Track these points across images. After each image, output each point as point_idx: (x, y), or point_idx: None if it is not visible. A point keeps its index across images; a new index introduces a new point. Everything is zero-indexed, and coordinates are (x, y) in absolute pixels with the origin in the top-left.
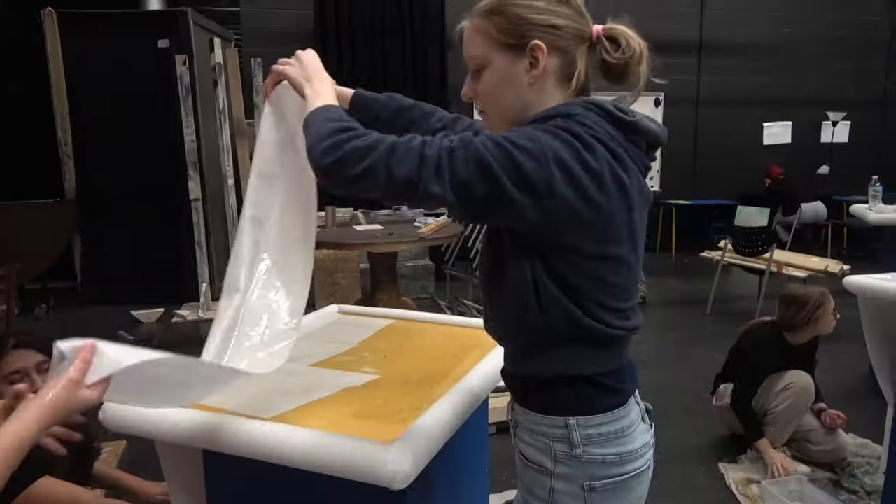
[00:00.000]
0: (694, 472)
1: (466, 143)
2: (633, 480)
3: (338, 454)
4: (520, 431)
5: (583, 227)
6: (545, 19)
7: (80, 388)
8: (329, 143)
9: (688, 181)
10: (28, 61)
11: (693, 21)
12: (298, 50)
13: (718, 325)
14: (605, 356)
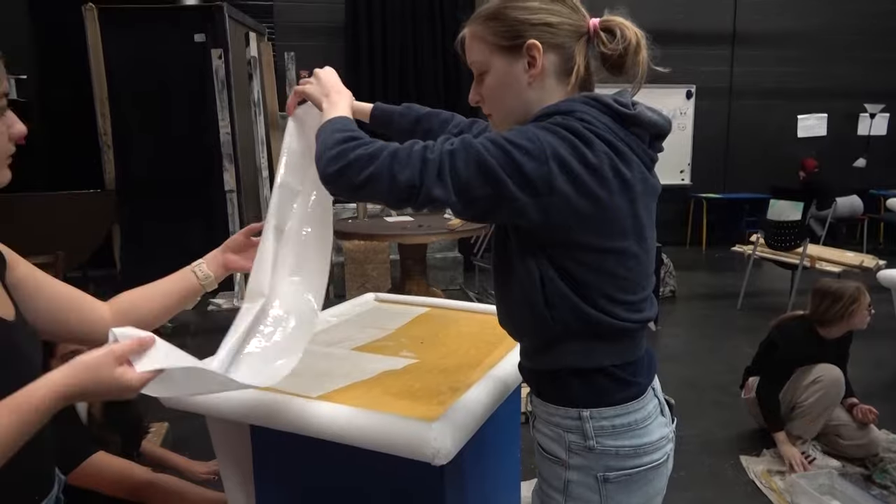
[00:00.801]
0: (721, 464)
1: (466, 145)
2: (650, 472)
3: (383, 431)
4: (537, 422)
5: (585, 222)
6: (539, 18)
7: (121, 363)
8: (334, 152)
9: (719, 174)
10: (69, 55)
11: (726, 11)
12: (317, 68)
13: (749, 320)
14: (617, 349)
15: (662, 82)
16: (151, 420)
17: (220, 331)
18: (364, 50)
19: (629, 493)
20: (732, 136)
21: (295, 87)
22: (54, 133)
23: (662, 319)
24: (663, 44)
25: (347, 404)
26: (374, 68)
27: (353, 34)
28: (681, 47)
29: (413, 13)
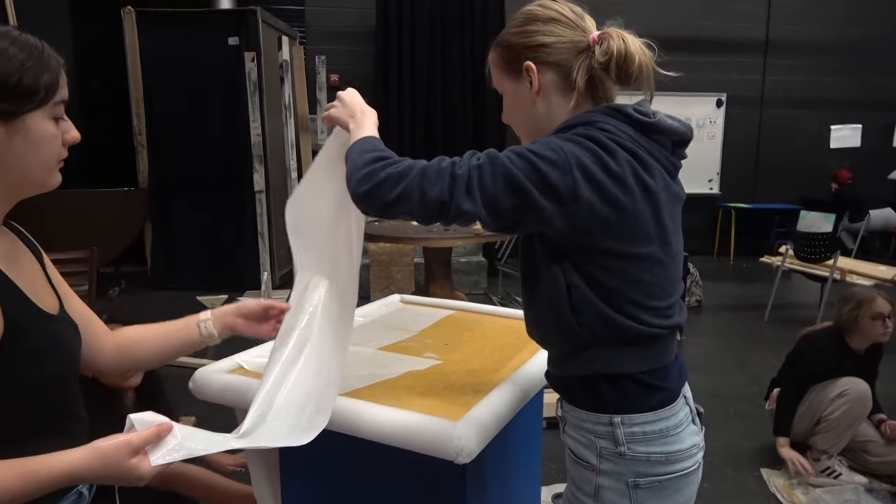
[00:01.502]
0: (745, 476)
1: (492, 159)
2: (681, 480)
3: (408, 429)
4: (567, 428)
5: (609, 229)
6: (534, 40)
7: (136, 454)
8: (365, 171)
9: (749, 184)
10: (108, 56)
11: (759, 19)
12: (339, 91)
13: (776, 332)
14: (646, 354)
15: (692, 90)
16: (180, 414)
17: None
18: (393, 55)
19: (659, 500)
20: (763, 145)
21: (323, 115)
22: (91, 132)
23: (688, 329)
24: (693, 51)
25: (373, 402)
26: (402, 73)
27: (383, 39)
28: (711, 55)
29: (442, 20)
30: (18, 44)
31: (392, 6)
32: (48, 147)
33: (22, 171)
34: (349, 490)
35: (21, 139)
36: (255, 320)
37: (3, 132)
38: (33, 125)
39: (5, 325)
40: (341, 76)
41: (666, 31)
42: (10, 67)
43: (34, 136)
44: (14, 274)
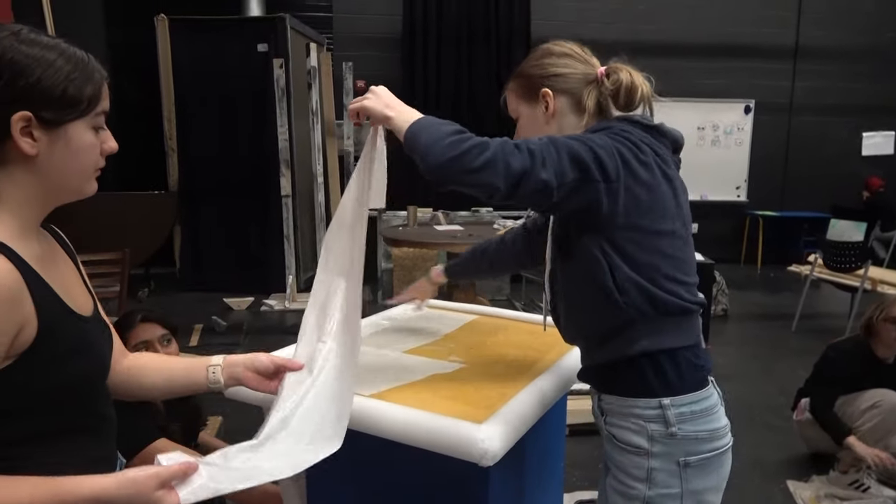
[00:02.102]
0: (770, 487)
1: (554, 140)
2: (722, 456)
3: (433, 430)
4: (611, 418)
5: (641, 207)
6: (550, 71)
7: (163, 487)
8: (451, 139)
9: (777, 191)
10: (140, 63)
11: (789, 24)
12: (372, 86)
13: (804, 342)
14: (683, 329)
15: (719, 97)
16: (208, 414)
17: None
18: (419, 61)
19: (705, 477)
20: (792, 152)
21: (350, 107)
22: (124, 136)
23: (714, 338)
24: (721, 58)
25: (398, 403)
26: (427, 79)
27: (410, 46)
28: (740, 61)
29: (468, 27)
30: (66, 56)
31: (418, 13)
32: (87, 155)
33: (61, 177)
34: (374, 490)
35: (62, 147)
36: (266, 376)
37: (46, 139)
38: (75, 134)
39: (39, 325)
40: (367, 82)
41: (694, 38)
42: (57, 78)
43: (75, 145)
44: (49, 276)
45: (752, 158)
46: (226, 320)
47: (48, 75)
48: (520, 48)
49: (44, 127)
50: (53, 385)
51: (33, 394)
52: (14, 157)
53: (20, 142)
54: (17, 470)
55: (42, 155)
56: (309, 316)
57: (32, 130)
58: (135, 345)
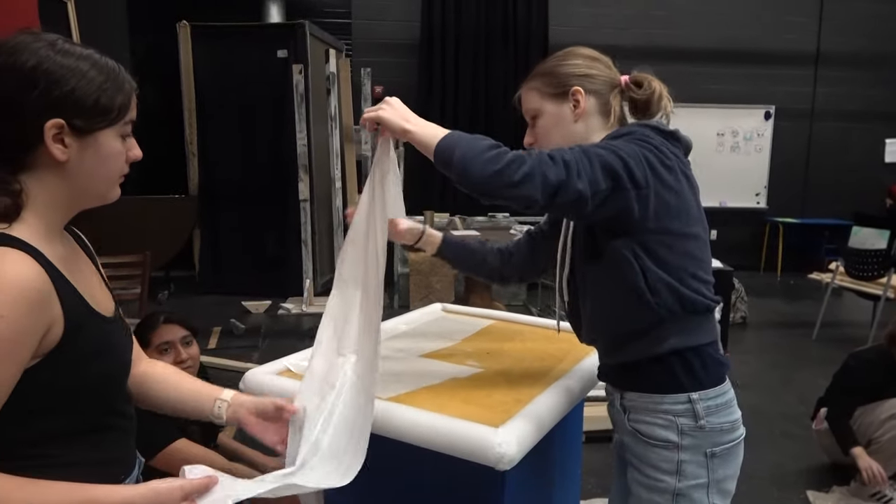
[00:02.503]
0: (790, 498)
1: (586, 151)
2: (739, 446)
3: (450, 434)
4: (637, 415)
5: (670, 211)
6: (581, 71)
7: (186, 499)
8: (490, 154)
9: (797, 198)
10: (162, 68)
11: (810, 31)
12: (387, 96)
13: (825, 351)
14: (706, 327)
15: (739, 102)
16: None
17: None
18: (437, 67)
19: (727, 465)
20: (813, 159)
21: (364, 116)
22: (145, 140)
23: (732, 346)
24: (741, 63)
25: (415, 407)
26: (445, 85)
27: (428, 51)
28: (760, 67)
29: (486, 33)
30: (98, 66)
31: (437, 19)
32: (114, 162)
33: (89, 182)
34: (391, 493)
35: (92, 154)
36: (269, 419)
37: (76, 146)
38: (104, 141)
39: (65, 325)
40: (385, 88)
41: (712, 43)
42: (90, 88)
43: (103, 152)
44: (73, 277)
45: (773, 165)
46: (244, 323)
47: (82, 85)
48: (537, 54)
49: (75, 134)
50: (78, 384)
51: (58, 393)
52: (44, 162)
53: (52, 148)
54: (42, 469)
55: (72, 161)
56: (325, 329)
57: (64, 137)
58: (158, 345)
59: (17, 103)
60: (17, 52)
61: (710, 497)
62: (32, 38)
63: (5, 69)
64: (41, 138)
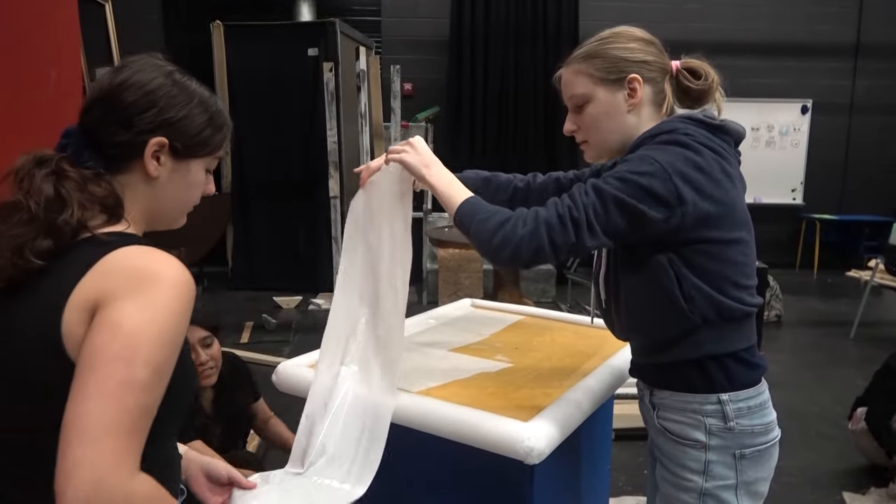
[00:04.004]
0: (825, 499)
1: (598, 191)
2: (773, 448)
3: (480, 428)
4: (665, 412)
5: (710, 220)
6: (638, 56)
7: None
8: (499, 239)
9: (835, 194)
10: (196, 67)
11: (849, 21)
12: (410, 138)
13: (863, 350)
14: (745, 333)
15: (775, 96)
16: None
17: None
18: (466, 64)
19: (758, 468)
20: (852, 153)
21: (388, 156)
22: None
23: (766, 345)
24: (777, 56)
25: (445, 400)
26: (475, 82)
27: (457, 49)
28: (797, 60)
29: (516, 30)
30: (207, 103)
31: (466, 16)
32: (195, 191)
33: (168, 204)
34: (419, 484)
35: (180, 177)
36: (216, 483)
37: (170, 166)
38: (194, 169)
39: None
40: (414, 84)
41: (747, 36)
42: (198, 120)
43: (190, 179)
44: None
45: (809, 160)
46: (275, 318)
47: (192, 115)
48: (567, 50)
49: (172, 155)
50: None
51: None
52: (136, 174)
53: (148, 162)
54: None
55: (161, 179)
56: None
57: (161, 155)
58: (201, 338)
59: (135, 115)
60: (145, 70)
61: (739, 499)
62: (158, 63)
63: (133, 84)
64: (142, 151)
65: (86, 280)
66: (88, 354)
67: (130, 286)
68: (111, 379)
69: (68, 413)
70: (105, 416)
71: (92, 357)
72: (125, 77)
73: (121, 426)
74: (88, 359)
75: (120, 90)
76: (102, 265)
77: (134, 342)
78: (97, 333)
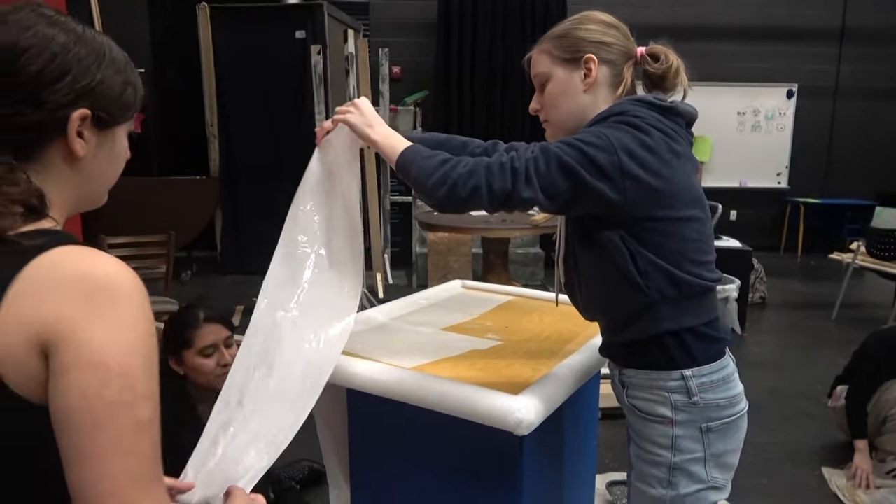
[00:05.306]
0: (805, 475)
1: (545, 149)
2: (740, 420)
3: (470, 401)
4: (633, 391)
5: (658, 197)
6: (596, 38)
7: None
8: (438, 176)
9: (819, 178)
10: (182, 50)
11: (835, 6)
12: (355, 99)
13: (844, 331)
14: (704, 307)
15: (760, 81)
16: None
17: None
18: (454, 47)
19: (726, 440)
20: (836, 138)
21: (334, 116)
22: (166, 122)
23: (750, 326)
24: (762, 41)
25: (437, 375)
26: (462, 65)
27: (445, 31)
28: (782, 44)
29: (504, 13)
30: (117, 57)
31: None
32: (121, 162)
33: (95, 183)
34: (412, 458)
35: (106, 151)
36: None
37: (94, 141)
38: (118, 138)
39: None
40: (403, 67)
41: (734, 20)
42: (117, 80)
43: (116, 149)
44: None
45: (795, 144)
46: None
47: (109, 75)
48: None
49: (96, 127)
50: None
51: None
52: (55, 157)
53: (73, 142)
54: None
55: (87, 157)
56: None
57: (83, 130)
58: (202, 348)
59: (46, 87)
60: (37, 27)
61: (709, 471)
62: (46, 13)
63: (32, 48)
64: (63, 129)
65: (18, 296)
66: (83, 407)
67: (88, 305)
68: (123, 431)
69: (84, 474)
70: (131, 470)
71: (90, 410)
72: (16, 38)
73: (148, 472)
74: (87, 413)
75: (17, 56)
76: (37, 278)
77: (129, 381)
78: (81, 376)
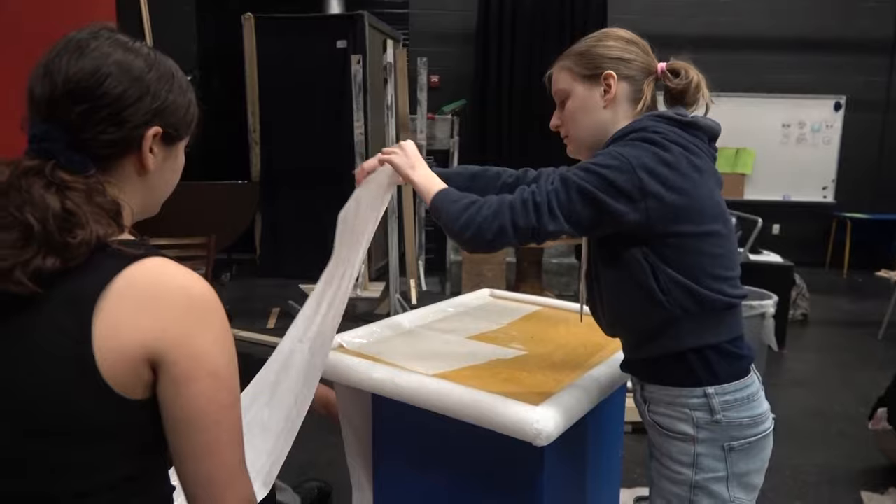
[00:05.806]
0: (844, 499)
1: (564, 180)
2: (764, 440)
3: (492, 410)
4: (655, 407)
5: (680, 213)
6: (616, 54)
7: None
8: (463, 220)
9: (868, 193)
10: (228, 59)
11: (885, 16)
12: (401, 141)
13: (891, 351)
14: (728, 324)
15: (807, 93)
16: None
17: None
18: (493, 56)
19: (749, 460)
20: (886, 151)
21: (379, 156)
22: (211, 128)
23: (791, 343)
24: (809, 52)
25: (460, 383)
26: (501, 75)
27: (484, 41)
28: (830, 55)
29: (543, 23)
30: (180, 76)
31: (494, 9)
32: (179, 174)
33: (157, 195)
34: (433, 463)
35: (170, 164)
36: None
37: (162, 155)
38: (180, 153)
39: None
40: (441, 77)
41: (780, 31)
42: (183, 99)
43: (178, 164)
44: None
45: (842, 158)
46: (301, 305)
47: (176, 94)
48: None
49: (164, 143)
50: None
51: None
52: (127, 171)
53: (146, 157)
54: None
55: (154, 171)
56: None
57: (154, 146)
58: None
59: (127, 108)
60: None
61: (731, 490)
62: (122, 40)
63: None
64: (138, 145)
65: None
66: (209, 410)
67: (193, 320)
68: (234, 426)
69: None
70: (241, 458)
71: (212, 412)
72: (99, 64)
73: (244, 457)
74: (211, 414)
75: (101, 81)
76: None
77: (232, 384)
78: (204, 384)
